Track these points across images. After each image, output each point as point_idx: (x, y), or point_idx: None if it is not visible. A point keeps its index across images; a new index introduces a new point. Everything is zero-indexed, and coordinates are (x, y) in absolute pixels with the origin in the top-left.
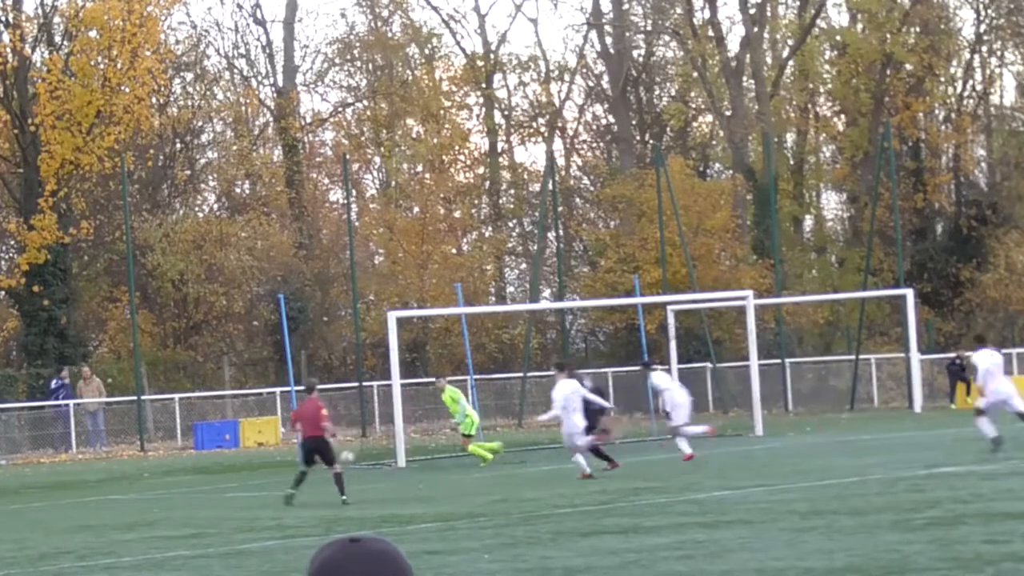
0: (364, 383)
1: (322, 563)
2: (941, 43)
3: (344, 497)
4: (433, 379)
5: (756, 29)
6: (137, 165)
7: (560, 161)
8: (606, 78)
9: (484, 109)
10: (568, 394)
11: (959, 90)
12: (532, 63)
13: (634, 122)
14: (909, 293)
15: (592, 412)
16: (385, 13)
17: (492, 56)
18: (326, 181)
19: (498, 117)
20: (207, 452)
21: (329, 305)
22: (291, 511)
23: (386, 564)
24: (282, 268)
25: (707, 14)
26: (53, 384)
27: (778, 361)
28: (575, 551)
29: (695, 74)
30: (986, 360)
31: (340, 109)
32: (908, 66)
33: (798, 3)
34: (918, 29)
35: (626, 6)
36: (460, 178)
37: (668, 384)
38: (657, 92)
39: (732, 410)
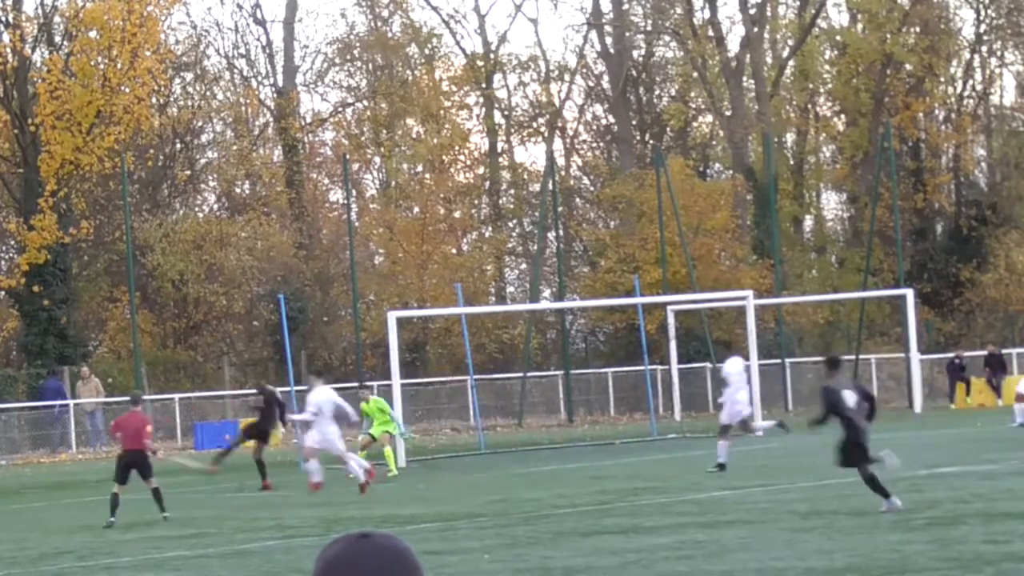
0: (364, 383)
1: (331, 559)
2: (941, 43)
3: (165, 514)
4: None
5: (756, 29)
6: (137, 165)
7: (560, 161)
8: (606, 78)
9: (484, 109)
10: (321, 401)
11: (959, 90)
12: (532, 63)
13: (634, 122)
14: (909, 293)
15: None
16: (385, 13)
17: (492, 56)
18: (326, 181)
19: (498, 117)
20: (207, 452)
21: (329, 305)
22: (291, 511)
23: (396, 560)
24: (282, 268)
25: (707, 14)
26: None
27: (778, 361)
28: (575, 551)
29: (695, 74)
30: (737, 368)
31: (340, 109)
32: (908, 66)
33: (798, 3)
34: (918, 29)
35: (626, 6)
36: (460, 178)
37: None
38: (657, 92)
39: None
